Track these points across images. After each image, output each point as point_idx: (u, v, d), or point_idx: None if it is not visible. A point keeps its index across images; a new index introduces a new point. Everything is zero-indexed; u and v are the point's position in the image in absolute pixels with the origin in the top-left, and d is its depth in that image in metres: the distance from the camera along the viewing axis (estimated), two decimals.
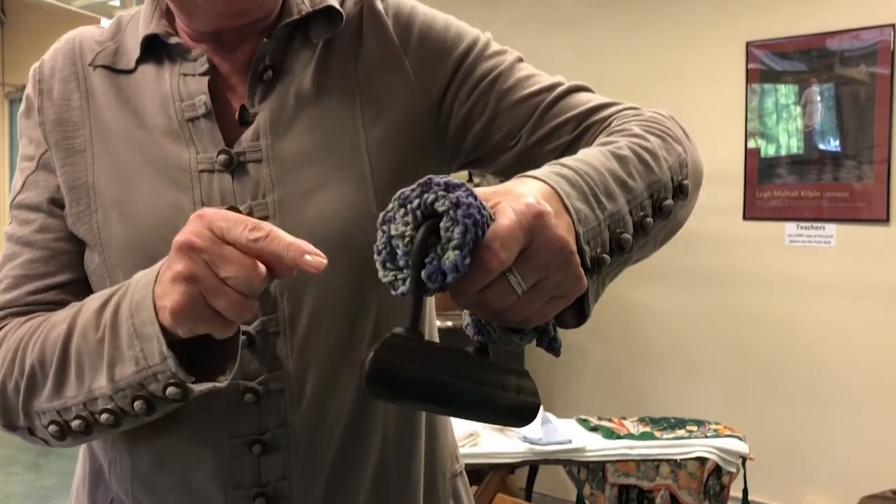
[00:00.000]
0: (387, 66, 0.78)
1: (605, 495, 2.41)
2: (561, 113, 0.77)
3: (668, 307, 3.40)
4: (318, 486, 0.74)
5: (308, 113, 0.75)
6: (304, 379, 0.72)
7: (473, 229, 0.48)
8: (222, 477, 0.72)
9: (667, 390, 3.41)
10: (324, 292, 0.72)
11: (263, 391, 0.72)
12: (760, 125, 3.13)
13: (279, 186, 0.71)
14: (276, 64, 0.75)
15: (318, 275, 0.62)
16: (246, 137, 0.73)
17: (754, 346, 3.19)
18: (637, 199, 0.63)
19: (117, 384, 0.64)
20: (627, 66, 3.49)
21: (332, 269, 0.65)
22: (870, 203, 2.89)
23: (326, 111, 0.75)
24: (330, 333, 0.73)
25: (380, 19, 0.79)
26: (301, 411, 0.73)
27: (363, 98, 0.76)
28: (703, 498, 2.34)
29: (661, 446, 2.17)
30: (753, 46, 3.14)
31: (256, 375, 0.71)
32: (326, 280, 0.70)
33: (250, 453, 0.72)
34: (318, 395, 0.73)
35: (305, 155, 0.73)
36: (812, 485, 3.06)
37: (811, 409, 3.06)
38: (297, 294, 0.72)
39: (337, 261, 0.67)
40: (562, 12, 3.69)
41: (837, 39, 2.95)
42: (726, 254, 3.24)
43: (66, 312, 0.69)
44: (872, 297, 2.91)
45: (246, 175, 0.72)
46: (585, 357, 3.63)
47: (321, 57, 0.77)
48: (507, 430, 2.20)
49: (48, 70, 0.79)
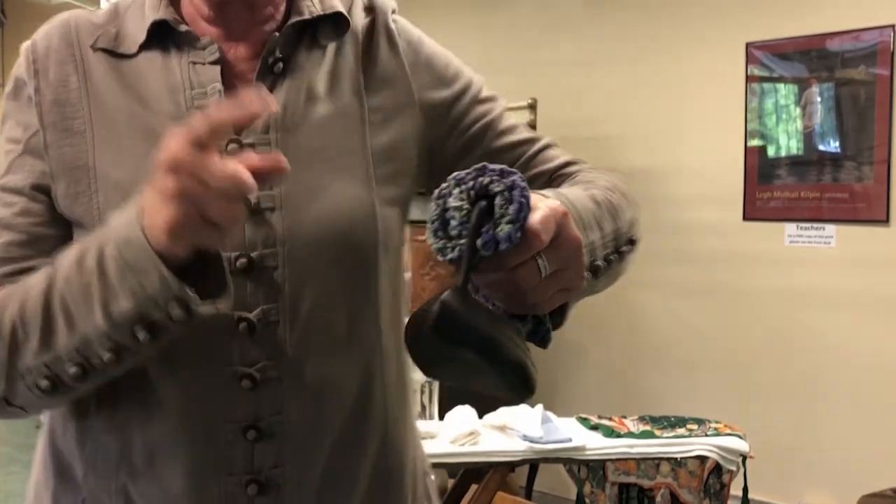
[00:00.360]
0: (395, 82, 0.82)
1: (605, 494, 2.42)
2: (539, 164, 0.86)
3: (668, 307, 3.41)
4: (313, 477, 0.76)
5: (318, 111, 0.78)
6: (302, 369, 0.74)
7: (527, 208, 0.57)
8: (215, 464, 0.73)
9: (667, 389, 3.41)
10: (326, 286, 0.75)
11: (261, 378, 0.73)
12: (760, 126, 3.14)
13: (287, 180, 0.72)
14: (285, 57, 0.77)
15: (321, 269, 0.72)
16: (256, 128, 0.74)
17: (754, 345, 3.19)
18: (605, 238, 0.72)
19: (115, 320, 0.64)
20: (627, 67, 3.50)
21: (336, 265, 0.74)
22: (869, 204, 2.90)
23: (336, 112, 0.78)
24: (329, 327, 0.75)
25: (393, 38, 0.83)
26: (297, 401, 0.74)
27: (371, 106, 0.80)
28: (703, 496, 2.34)
29: (661, 445, 2.18)
30: (753, 47, 3.15)
31: (255, 362, 0.73)
32: (329, 274, 0.74)
33: (244, 439, 0.73)
34: (315, 386, 0.75)
35: (314, 152, 0.76)
36: (812, 483, 3.07)
37: (811, 408, 3.06)
38: (300, 285, 0.74)
39: (341, 257, 0.74)
40: (561, 14, 3.70)
41: (837, 40, 2.96)
42: (726, 254, 3.25)
43: (41, 273, 0.69)
44: (872, 297, 2.92)
45: None
46: (585, 356, 3.64)
47: (332, 59, 0.80)
48: (507, 429, 2.20)
49: (42, 50, 0.78)
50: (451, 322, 0.58)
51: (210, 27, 0.78)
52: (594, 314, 3.62)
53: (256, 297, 0.72)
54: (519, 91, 3.70)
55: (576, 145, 4.31)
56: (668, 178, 3.38)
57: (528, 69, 3.79)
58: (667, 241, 3.40)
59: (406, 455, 0.83)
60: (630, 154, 3.49)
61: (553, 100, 3.62)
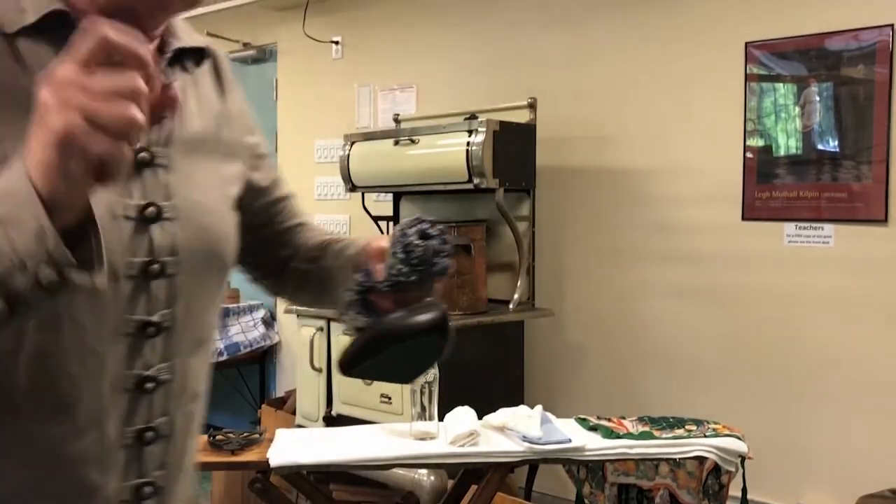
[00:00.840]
0: (238, 120, 0.94)
1: (604, 494, 2.42)
2: (296, 214, 1.05)
3: (666, 307, 3.41)
4: (184, 462, 0.85)
5: (192, 130, 0.85)
6: (185, 371, 0.83)
7: (451, 247, 0.88)
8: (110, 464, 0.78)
9: (666, 390, 3.41)
10: (206, 292, 0.85)
11: (158, 381, 0.79)
12: (759, 125, 3.14)
13: (175, 193, 0.80)
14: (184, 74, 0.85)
15: (204, 277, 0.83)
16: (147, 138, 0.79)
17: (753, 345, 3.19)
18: None
19: None
20: (625, 66, 3.49)
21: (214, 273, 0.85)
22: (868, 203, 2.90)
23: (204, 136, 0.87)
24: (203, 328, 0.86)
25: (234, 80, 0.95)
26: (181, 404, 0.83)
27: (225, 136, 0.90)
28: (702, 497, 2.34)
29: (660, 445, 2.18)
30: (752, 46, 3.14)
31: (151, 366, 0.79)
32: (208, 282, 0.85)
33: (140, 444, 0.80)
34: (191, 389, 0.84)
35: (194, 167, 0.84)
36: (810, 484, 3.07)
37: (810, 409, 3.07)
38: (191, 291, 0.82)
39: (218, 267, 0.86)
40: (559, 13, 3.69)
41: (836, 40, 2.95)
42: (725, 254, 3.25)
43: None
44: (871, 297, 2.92)
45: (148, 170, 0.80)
46: (585, 357, 3.64)
47: (194, 85, 0.88)
48: (506, 430, 2.20)
49: None
50: (353, 368, 0.87)
51: None
52: (593, 315, 3.62)
53: (159, 302, 0.78)
54: (518, 90, 3.70)
55: (575, 145, 4.33)
56: (666, 178, 3.38)
57: (527, 69, 3.79)
58: (665, 240, 3.40)
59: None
60: (629, 153, 3.49)
61: (552, 99, 3.62)
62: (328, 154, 4.67)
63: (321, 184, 4.72)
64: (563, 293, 3.68)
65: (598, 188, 3.58)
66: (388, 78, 4.38)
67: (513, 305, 3.31)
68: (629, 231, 3.50)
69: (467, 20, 4.05)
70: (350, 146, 3.65)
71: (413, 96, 4.27)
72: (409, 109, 4.25)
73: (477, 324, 3.08)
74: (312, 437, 2.29)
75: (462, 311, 3.10)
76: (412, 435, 2.18)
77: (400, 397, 3.10)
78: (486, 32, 3.97)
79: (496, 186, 3.16)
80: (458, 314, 3.08)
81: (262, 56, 5.21)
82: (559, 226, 3.70)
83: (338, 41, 4.61)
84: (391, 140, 3.45)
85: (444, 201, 3.74)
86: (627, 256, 3.51)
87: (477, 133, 3.12)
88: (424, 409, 2.16)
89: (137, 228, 0.76)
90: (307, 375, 3.47)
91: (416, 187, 3.45)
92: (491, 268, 3.43)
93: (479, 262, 3.16)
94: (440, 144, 3.26)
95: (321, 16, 4.65)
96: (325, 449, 2.14)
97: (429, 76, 4.20)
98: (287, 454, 2.09)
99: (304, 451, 2.12)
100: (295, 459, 2.07)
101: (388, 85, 4.39)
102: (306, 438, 2.26)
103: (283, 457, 2.08)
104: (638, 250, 3.48)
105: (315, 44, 4.61)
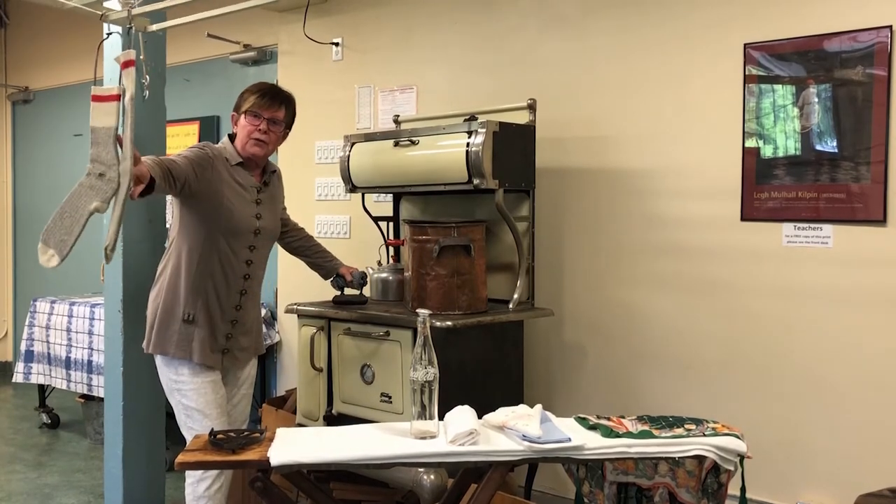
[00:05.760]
0: (281, 193, 3.15)
1: (603, 493, 2.43)
2: (290, 222, 3.40)
3: (666, 307, 3.42)
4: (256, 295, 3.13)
5: (273, 196, 3.08)
6: (258, 265, 3.03)
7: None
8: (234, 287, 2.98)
9: (665, 389, 3.42)
10: (268, 246, 3.11)
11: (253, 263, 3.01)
12: (758, 126, 3.15)
13: (263, 217, 3.01)
14: (266, 181, 3.02)
15: (269, 241, 3.08)
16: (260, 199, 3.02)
17: (752, 345, 3.20)
18: None
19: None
20: (625, 67, 3.51)
21: (271, 241, 3.11)
22: (866, 204, 2.91)
23: (276, 199, 3.10)
24: (264, 258, 3.11)
25: (280, 174, 3.15)
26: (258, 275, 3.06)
27: (277, 197, 3.13)
28: (701, 496, 2.35)
29: (659, 444, 2.18)
30: (751, 48, 3.16)
31: (251, 261, 2.99)
32: (270, 243, 3.11)
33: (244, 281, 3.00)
34: (259, 274, 3.06)
35: (271, 207, 3.07)
36: (809, 483, 3.08)
37: (809, 408, 3.08)
38: (265, 240, 3.06)
39: (272, 239, 3.11)
40: (559, 14, 3.71)
41: (835, 41, 2.97)
42: (724, 254, 3.26)
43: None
44: (869, 297, 2.93)
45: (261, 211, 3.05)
46: (584, 356, 3.65)
47: (271, 183, 3.05)
48: (506, 429, 2.21)
49: (213, 153, 2.92)
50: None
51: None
52: (592, 315, 3.63)
53: (257, 242, 2.96)
54: (517, 91, 3.71)
55: (574, 145, 4.34)
56: (665, 178, 3.40)
57: (526, 70, 3.80)
58: (664, 240, 3.41)
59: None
60: (628, 154, 3.50)
61: (551, 100, 3.63)
62: (328, 155, 4.68)
63: (321, 184, 4.73)
64: (563, 293, 3.69)
65: (597, 189, 3.59)
66: (389, 79, 4.40)
67: (512, 305, 3.32)
68: (629, 231, 3.51)
69: (467, 22, 4.06)
70: (350, 147, 3.66)
71: (413, 97, 4.28)
72: (410, 110, 4.27)
73: (477, 323, 3.09)
74: (313, 436, 2.30)
75: (462, 310, 3.11)
76: (412, 434, 2.19)
77: (400, 396, 3.11)
78: (485, 34, 3.98)
79: (496, 187, 3.17)
80: (458, 314, 3.09)
81: (263, 57, 5.22)
82: (558, 226, 3.71)
83: (338, 43, 4.62)
84: (391, 141, 3.47)
85: (444, 202, 3.75)
86: (627, 256, 3.52)
87: (477, 134, 3.14)
88: (424, 408, 2.17)
89: (255, 218, 2.93)
90: (307, 375, 3.48)
91: (416, 188, 3.46)
92: (491, 268, 3.45)
93: (478, 262, 3.17)
94: (440, 145, 3.28)
95: (321, 17, 4.66)
96: (326, 448, 2.14)
97: (429, 77, 4.22)
98: (288, 453, 2.10)
99: (304, 450, 2.13)
100: (295, 458, 2.08)
101: (388, 86, 4.40)
102: (307, 437, 2.27)
103: (284, 456, 2.09)
104: (637, 250, 3.49)
105: (315, 45, 4.62)
